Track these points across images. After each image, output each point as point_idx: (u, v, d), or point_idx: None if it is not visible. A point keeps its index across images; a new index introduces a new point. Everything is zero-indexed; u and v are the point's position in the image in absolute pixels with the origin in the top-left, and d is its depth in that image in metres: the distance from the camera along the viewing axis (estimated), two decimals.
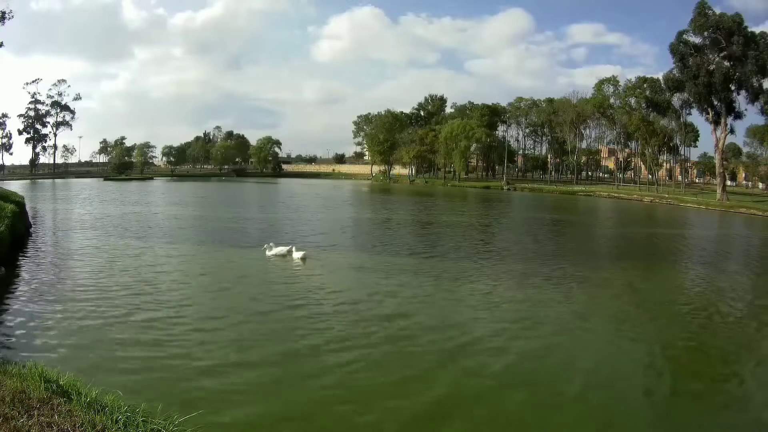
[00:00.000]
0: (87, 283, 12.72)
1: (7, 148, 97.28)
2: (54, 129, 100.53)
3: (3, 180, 67.44)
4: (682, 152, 78.89)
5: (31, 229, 22.28)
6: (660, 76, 67.16)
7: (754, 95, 56.36)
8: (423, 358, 8.46)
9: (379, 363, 8.14)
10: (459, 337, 9.48)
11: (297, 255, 16.39)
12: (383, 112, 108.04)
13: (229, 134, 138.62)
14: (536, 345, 9.26)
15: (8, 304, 10.67)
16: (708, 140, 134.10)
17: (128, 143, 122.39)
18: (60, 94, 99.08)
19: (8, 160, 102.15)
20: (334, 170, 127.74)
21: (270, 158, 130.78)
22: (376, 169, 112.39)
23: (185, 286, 12.81)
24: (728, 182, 67.85)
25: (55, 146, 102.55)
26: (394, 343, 9.00)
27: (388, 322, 10.14)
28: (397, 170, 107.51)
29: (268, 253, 16.48)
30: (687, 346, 9.63)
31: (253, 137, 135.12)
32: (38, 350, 8.11)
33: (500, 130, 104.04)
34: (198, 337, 9.07)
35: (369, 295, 12.23)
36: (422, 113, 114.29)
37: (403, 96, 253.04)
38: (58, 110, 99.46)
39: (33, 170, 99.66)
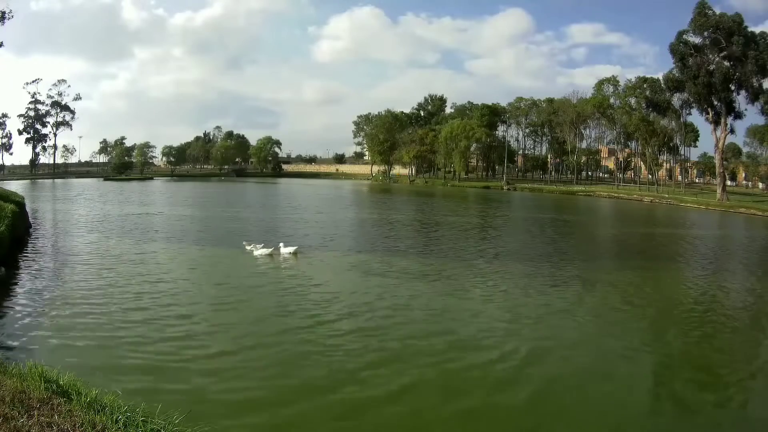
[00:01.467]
0: (87, 284, 12.74)
1: (7, 148, 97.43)
2: (54, 129, 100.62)
3: (3, 180, 67.43)
4: (682, 152, 78.90)
5: (31, 230, 22.30)
6: (660, 76, 67.22)
7: (754, 95, 56.29)
8: (427, 365, 8.45)
9: (394, 380, 7.81)
10: (474, 347, 9.26)
11: (286, 251, 16.45)
12: (383, 112, 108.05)
13: (229, 134, 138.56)
14: (543, 352, 9.25)
15: (8, 304, 10.68)
16: (708, 140, 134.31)
17: (128, 143, 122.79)
18: (60, 94, 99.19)
19: (8, 160, 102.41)
20: (337, 170, 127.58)
21: (270, 158, 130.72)
22: (376, 169, 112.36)
23: (184, 287, 12.82)
24: (728, 182, 67.76)
25: (55, 146, 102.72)
26: (407, 358, 8.65)
27: (399, 333, 9.90)
28: (397, 170, 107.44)
29: (256, 252, 16.52)
30: (692, 352, 9.64)
31: (253, 137, 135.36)
32: (38, 350, 8.10)
33: (500, 130, 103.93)
34: (198, 338, 9.09)
35: (373, 301, 12.09)
36: (422, 113, 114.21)
37: (403, 96, 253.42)
38: (58, 110, 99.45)
39: (33, 170, 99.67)
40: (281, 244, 16.80)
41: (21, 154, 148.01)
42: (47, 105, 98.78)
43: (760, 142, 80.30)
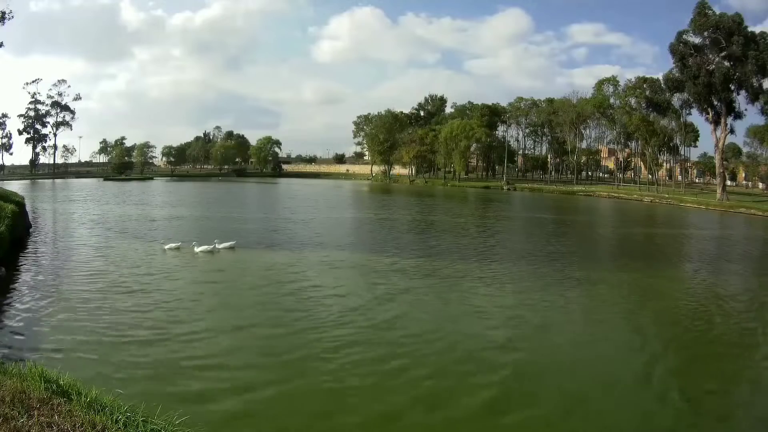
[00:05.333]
0: (87, 284, 12.74)
1: (7, 148, 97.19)
2: (54, 129, 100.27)
3: (3, 180, 67.38)
4: (682, 152, 78.86)
5: (31, 229, 22.28)
6: (660, 76, 67.21)
7: (754, 95, 56.28)
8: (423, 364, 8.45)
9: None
10: (477, 352, 9.20)
11: (222, 246, 17.60)
12: (383, 112, 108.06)
13: (229, 134, 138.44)
14: (543, 351, 9.25)
15: (8, 305, 10.68)
16: (708, 140, 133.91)
17: (128, 143, 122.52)
18: (60, 94, 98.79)
19: (8, 160, 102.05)
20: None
21: (270, 158, 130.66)
22: (376, 169, 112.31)
23: (183, 287, 12.83)
24: (728, 182, 67.75)
25: (55, 146, 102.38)
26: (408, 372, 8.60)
27: (403, 340, 9.99)
28: (397, 170, 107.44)
29: (197, 249, 17.30)
30: (692, 352, 9.65)
31: (253, 137, 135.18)
32: (38, 350, 8.11)
33: (500, 130, 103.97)
34: (198, 338, 9.09)
35: (374, 304, 12.13)
36: (422, 113, 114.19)
37: (403, 96, 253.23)
38: (58, 110, 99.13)
39: (33, 170, 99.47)
40: (216, 241, 17.83)
41: (21, 154, 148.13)
42: (47, 105, 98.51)
43: (760, 142, 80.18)
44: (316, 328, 9.72)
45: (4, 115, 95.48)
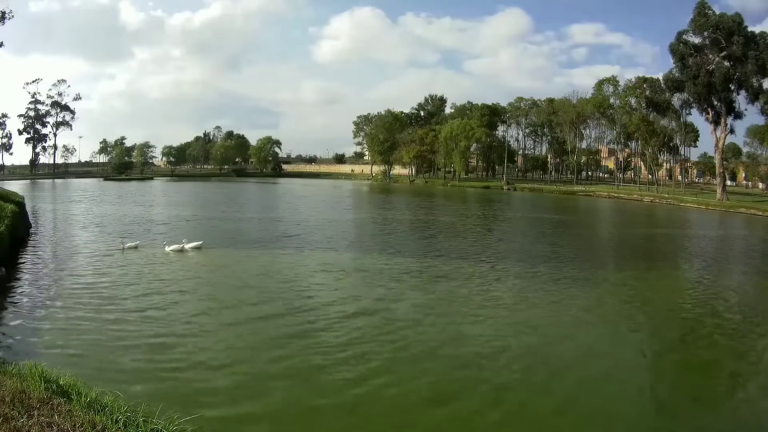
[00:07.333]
0: (86, 283, 12.74)
1: (7, 148, 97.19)
2: (54, 129, 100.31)
3: (3, 180, 67.35)
4: (682, 152, 78.79)
5: (31, 230, 22.28)
6: (660, 76, 67.19)
7: (754, 95, 56.23)
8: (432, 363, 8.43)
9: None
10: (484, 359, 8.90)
11: (190, 246, 17.97)
12: (383, 112, 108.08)
13: (229, 134, 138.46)
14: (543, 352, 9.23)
15: (8, 305, 10.68)
16: (708, 140, 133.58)
17: (128, 143, 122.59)
18: (60, 94, 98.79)
19: (8, 160, 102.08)
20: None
21: (270, 158, 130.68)
22: (376, 169, 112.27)
23: (181, 286, 12.83)
24: (728, 182, 67.67)
25: (55, 146, 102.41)
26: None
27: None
28: (397, 170, 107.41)
29: (168, 248, 17.61)
30: (693, 352, 9.65)
31: (253, 137, 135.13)
32: (38, 350, 8.11)
33: (500, 130, 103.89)
34: (197, 337, 9.09)
35: (403, 323, 11.20)
36: (422, 113, 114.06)
37: (403, 96, 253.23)
38: (58, 110, 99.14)
39: (33, 170, 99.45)
40: (185, 241, 18.20)
41: (21, 154, 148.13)
42: (47, 105, 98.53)
43: (760, 142, 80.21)
44: (343, 360, 8.36)
45: (4, 115, 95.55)
